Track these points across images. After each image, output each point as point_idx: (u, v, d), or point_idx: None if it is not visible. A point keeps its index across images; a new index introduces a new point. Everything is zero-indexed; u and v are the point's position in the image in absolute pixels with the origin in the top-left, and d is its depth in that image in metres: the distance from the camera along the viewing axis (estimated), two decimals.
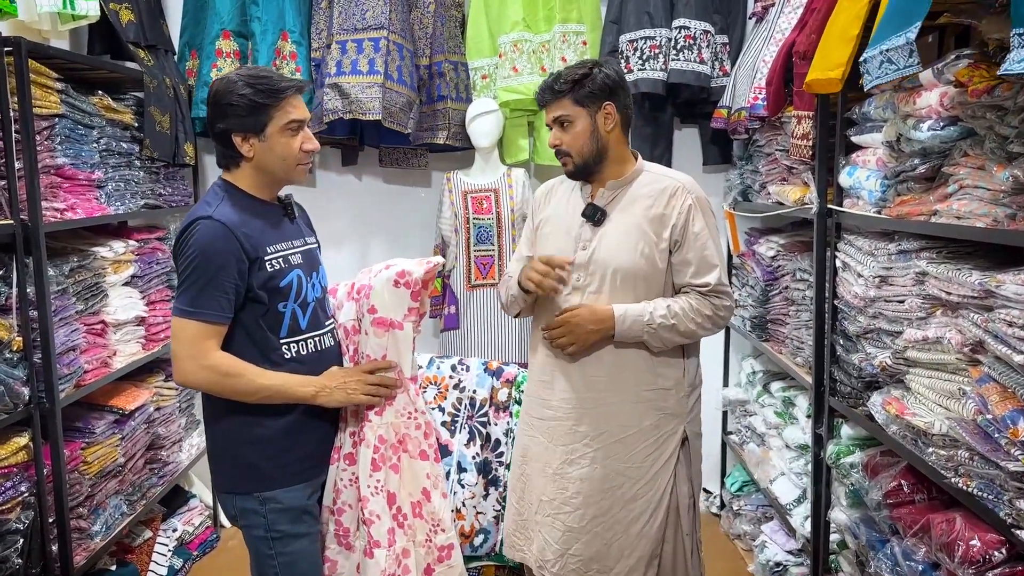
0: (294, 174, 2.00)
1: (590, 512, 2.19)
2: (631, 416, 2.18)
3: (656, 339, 2.13)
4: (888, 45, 1.70)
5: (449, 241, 3.66)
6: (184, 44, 3.66)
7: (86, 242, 2.93)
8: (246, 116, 1.91)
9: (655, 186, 2.18)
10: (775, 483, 3.10)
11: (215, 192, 1.99)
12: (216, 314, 1.88)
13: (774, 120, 2.99)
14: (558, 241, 2.25)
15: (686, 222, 2.14)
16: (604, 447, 2.18)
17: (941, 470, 1.84)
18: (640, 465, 2.18)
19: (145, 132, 3.16)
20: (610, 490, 2.18)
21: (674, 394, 2.20)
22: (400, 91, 3.43)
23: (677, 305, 2.12)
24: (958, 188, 1.89)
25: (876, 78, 1.78)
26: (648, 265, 2.14)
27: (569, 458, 2.21)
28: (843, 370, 2.46)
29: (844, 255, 2.42)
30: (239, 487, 2.01)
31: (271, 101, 1.91)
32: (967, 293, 1.78)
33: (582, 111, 2.15)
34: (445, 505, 2.20)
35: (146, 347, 3.21)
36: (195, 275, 1.87)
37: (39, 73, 2.56)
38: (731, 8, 3.65)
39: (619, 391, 2.18)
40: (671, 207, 2.15)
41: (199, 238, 1.88)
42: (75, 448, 2.72)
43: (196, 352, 1.88)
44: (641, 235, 2.14)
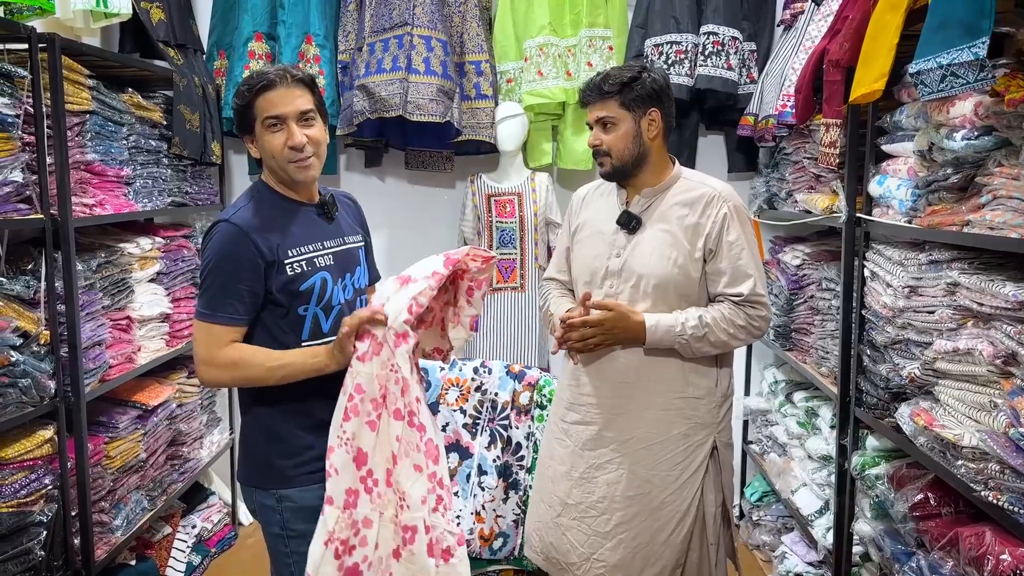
0: (290, 172, 1.94)
1: (615, 518, 2.18)
2: (659, 424, 2.16)
3: (687, 349, 2.12)
4: (949, 59, 1.68)
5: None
6: (212, 44, 3.69)
7: (113, 238, 2.96)
8: (239, 118, 1.95)
9: (691, 194, 2.17)
10: (797, 493, 3.08)
11: (246, 193, 2.00)
12: (230, 316, 1.88)
13: (802, 128, 2.97)
14: (594, 248, 2.24)
15: (721, 231, 2.12)
16: (631, 453, 2.17)
17: (971, 483, 1.82)
18: (667, 473, 2.16)
19: (174, 130, 3.19)
20: (636, 497, 2.17)
21: (705, 403, 2.18)
22: (428, 82, 3.39)
23: (709, 315, 2.10)
24: (992, 198, 1.87)
25: (938, 91, 1.75)
26: (681, 275, 2.13)
27: (595, 463, 2.20)
28: (870, 381, 2.44)
29: (873, 264, 2.40)
30: (258, 482, 2.01)
31: (246, 100, 1.91)
32: (1000, 304, 1.76)
33: (627, 114, 2.13)
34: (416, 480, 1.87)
35: (170, 344, 3.23)
36: (211, 278, 1.88)
37: (71, 70, 2.58)
38: (759, 15, 3.63)
39: (648, 398, 2.17)
40: (706, 216, 2.13)
41: (215, 242, 1.89)
42: (98, 442, 2.74)
43: (210, 353, 1.88)
44: (675, 244, 2.13)
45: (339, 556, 1.81)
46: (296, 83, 1.91)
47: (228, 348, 1.88)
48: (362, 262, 2.12)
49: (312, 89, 1.96)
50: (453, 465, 2.69)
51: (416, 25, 3.39)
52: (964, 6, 1.69)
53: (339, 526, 1.82)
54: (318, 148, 1.96)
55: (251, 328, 1.93)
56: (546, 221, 3.63)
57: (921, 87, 1.85)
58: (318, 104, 1.97)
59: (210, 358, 1.88)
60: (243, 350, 1.89)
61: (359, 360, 1.85)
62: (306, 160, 1.93)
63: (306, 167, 1.94)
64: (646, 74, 2.13)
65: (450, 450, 2.73)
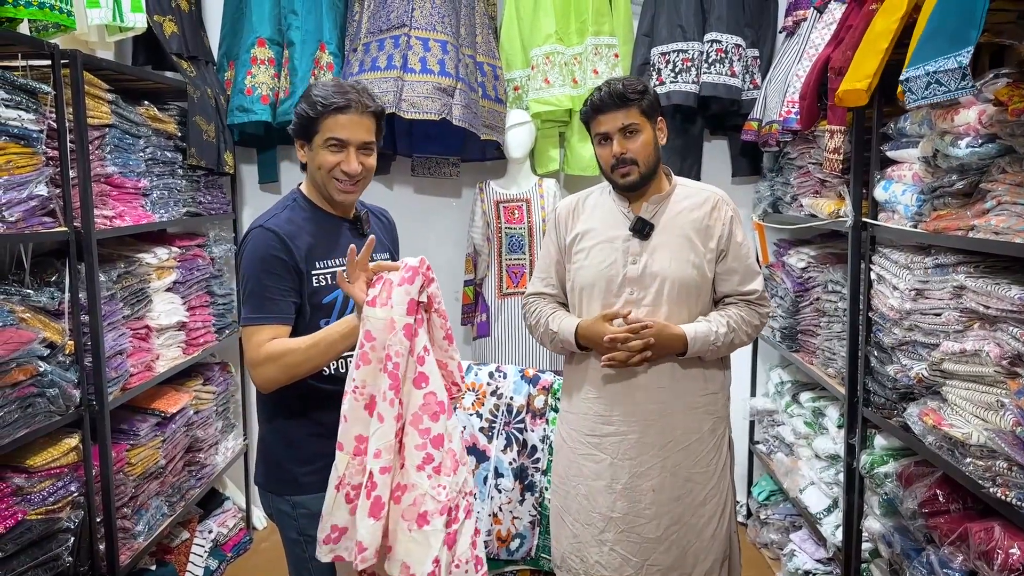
0: (332, 191, 1.98)
1: (665, 521, 2.21)
2: (692, 422, 2.22)
3: (716, 353, 2.20)
4: (936, 67, 1.74)
5: (481, 250, 3.71)
6: (222, 55, 3.74)
7: (131, 249, 3.00)
8: (300, 125, 1.97)
9: (695, 198, 2.24)
10: (805, 492, 3.13)
11: (282, 200, 2.05)
12: (277, 316, 1.91)
13: (807, 134, 3.03)
14: (604, 256, 2.25)
15: (730, 232, 2.21)
16: (672, 455, 2.21)
17: (979, 480, 1.87)
18: (705, 470, 2.23)
19: (190, 141, 3.24)
20: (681, 497, 2.21)
21: (720, 398, 2.28)
22: (424, 80, 3.37)
23: (733, 320, 2.19)
24: (996, 204, 1.93)
25: (922, 98, 1.81)
26: (699, 275, 2.20)
27: (638, 471, 2.21)
28: (877, 381, 2.49)
29: (879, 268, 2.46)
30: (273, 487, 2.04)
31: (316, 115, 1.93)
32: (1006, 307, 1.82)
33: (647, 122, 2.18)
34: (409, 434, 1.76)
35: (186, 351, 3.27)
36: (251, 283, 1.91)
37: (91, 84, 2.63)
38: (762, 22, 3.69)
39: (677, 399, 2.22)
40: (715, 218, 2.21)
41: (252, 247, 1.93)
42: (120, 450, 2.78)
43: (258, 354, 1.89)
44: (691, 246, 2.20)
45: (350, 500, 1.78)
46: (368, 114, 1.96)
47: (268, 344, 1.89)
48: None
49: (379, 121, 2.01)
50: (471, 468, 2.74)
51: (414, 27, 3.41)
52: (956, 16, 1.75)
53: (349, 471, 1.78)
54: (367, 176, 2.01)
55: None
56: None
57: (908, 94, 1.91)
58: (378, 134, 2.02)
59: (258, 359, 1.89)
60: (282, 341, 1.90)
61: (369, 305, 1.78)
62: (352, 185, 1.98)
63: (349, 192, 1.99)
64: (648, 86, 2.21)
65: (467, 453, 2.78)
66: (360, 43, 3.51)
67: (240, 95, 3.58)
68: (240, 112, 3.57)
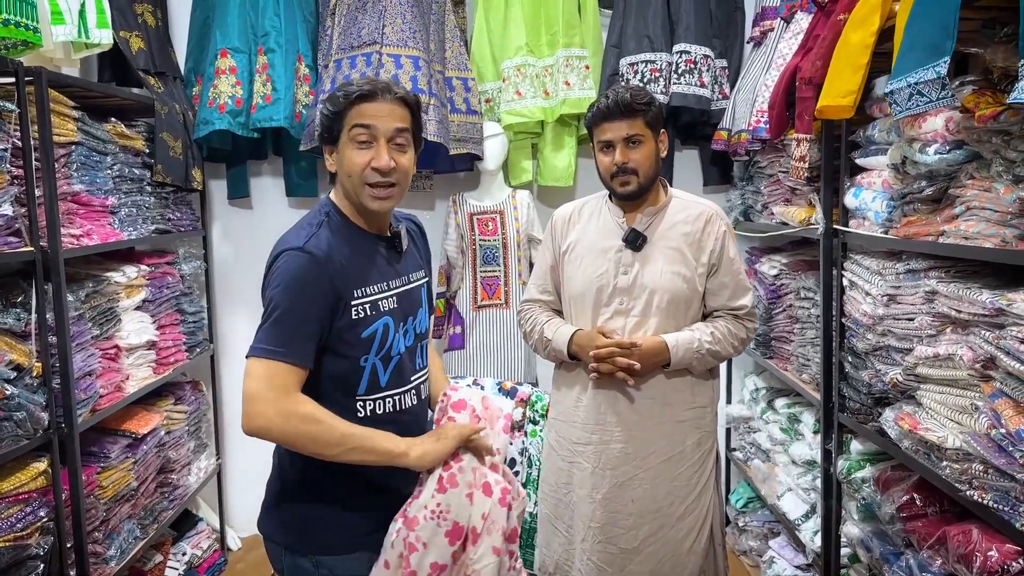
0: (364, 197, 1.72)
1: (643, 532, 2.22)
2: (676, 436, 2.23)
3: (702, 363, 2.20)
4: (917, 79, 1.77)
5: (455, 263, 3.70)
6: (190, 70, 3.70)
7: (99, 267, 2.95)
8: (326, 125, 1.75)
9: (689, 212, 2.25)
10: (782, 499, 3.15)
11: (316, 213, 1.77)
12: (301, 357, 1.63)
13: (776, 142, 3.06)
14: (595, 266, 2.25)
15: (722, 247, 2.22)
16: (653, 467, 2.22)
17: (955, 483, 1.89)
18: (686, 484, 2.24)
19: (157, 158, 3.20)
20: (660, 510, 2.22)
21: (709, 412, 2.28)
22: None
23: (719, 331, 2.20)
24: (965, 209, 1.96)
25: (907, 109, 1.84)
26: (689, 289, 2.21)
27: (619, 481, 2.23)
28: (852, 386, 2.51)
29: (851, 274, 2.48)
30: (294, 544, 1.78)
31: (340, 107, 1.72)
32: (978, 311, 1.84)
33: (650, 134, 2.20)
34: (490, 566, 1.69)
35: (157, 371, 3.22)
36: (282, 311, 1.63)
37: (57, 102, 2.59)
38: (729, 33, 3.73)
39: (663, 412, 2.23)
40: (707, 233, 2.23)
41: (290, 272, 1.65)
42: (91, 472, 2.72)
43: (274, 394, 1.59)
44: (681, 259, 2.21)
45: None
46: (397, 101, 1.74)
47: (300, 397, 1.62)
48: (424, 303, 1.91)
49: (414, 112, 1.78)
50: None
51: (385, 44, 3.40)
52: (931, 28, 1.78)
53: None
54: (403, 179, 1.75)
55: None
56: (528, 238, 3.68)
57: (893, 106, 1.94)
58: (415, 129, 1.79)
59: (270, 399, 1.59)
60: (317, 407, 1.63)
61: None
62: (386, 189, 1.72)
63: (384, 197, 1.73)
64: (653, 97, 2.22)
65: None
66: (331, 59, 3.50)
67: (204, 108, 3.53)
68: (203, 125, 3.52)
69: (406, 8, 3.45)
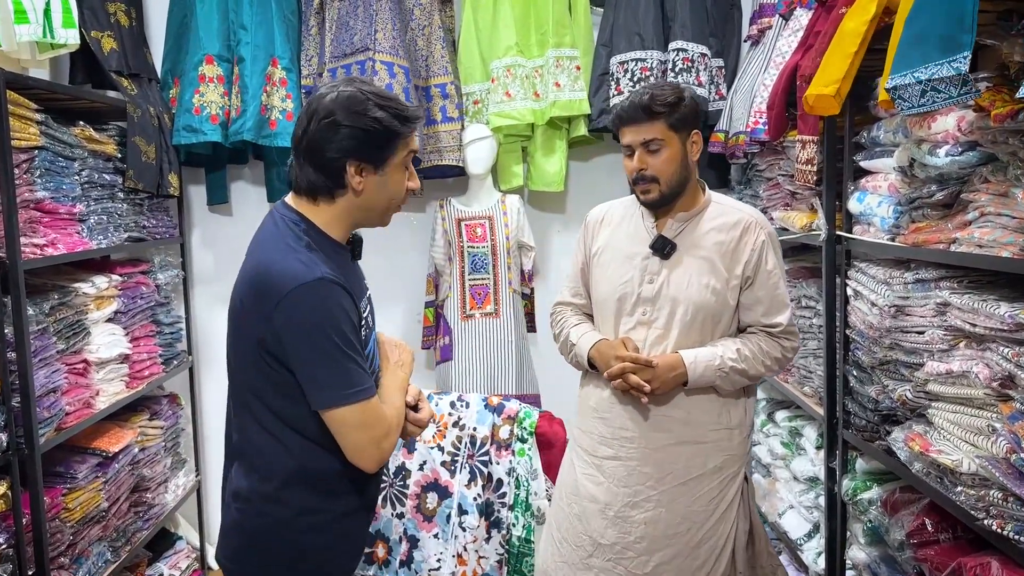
0: (387, 218, 1.73)
1: (655, 559, 2.09)
2: (696, 458, 2.10)
3: (727, 382, 2.06)
4: (929, 74, 1.64)
5: (443, 270, 3.57)
6: (167, 71, 3.58)
7: (67, 278, 2.82)
8: (373, 144, 1.61)
9: (726, 219, 2.10)
10: (784, 517, 3.01)
11: (289, 229, 1.64)
12: (372, 385, 1.63)
13: (775, 144, 2.94)
14: (621, 272, 2.14)
15: (760, 259, 2.06)
16: (669, 490, 2.09)
17: (971, 510, 1.76)
18: (704, 509, 2.10)
19: (129, 163, 3.07)
20: (675, 536, 2.09)
21: (738, 434, 2.13)
22: None
23: (747, 348, 2.06)
24: (979, 215, 1.82)
25: (919, 106, 1.70)
26: (718, 302, 2.07)
27: (632, 500, 2.10)
28: (857, 402, 2.38)
29: (856, 283, 2.35)
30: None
31: (404, 130, 1.64)
32: (995, 325, 1.71)
33: (675, 136, 2.04)
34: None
35: (130, 385, 3.09)
36: (336, 349, 1.56)
37: (17, 104, 2.46)
38: (726, 31, 3.61)
39: (685, 432, 2.10)
40: (744, 243, 2.07)
41: (316, 306, 1.55)
42: (56, 495, 2.59)
43: (379, 433, 1.63)
44: (711, 270, 2.06)
45: None
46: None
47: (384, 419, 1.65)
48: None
49: None
50: (432, 505, 2.59)
51: (378, 51, 3.32)
52: (943, 20, 1.65)
53: None
54: None
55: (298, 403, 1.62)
56: (519, 244, 3.55)
57: (899, 102, 1.81)
58: None
59: (379, 438, 1.63)
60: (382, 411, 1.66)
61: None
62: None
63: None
64: (687, 94, 2.06)
65: (428, 489, 2.63)
66: (325, 68, 3.41)
67: (188, 114, 3.42)
68: (188, 132, 3.41)
69: (396, 15, 3.38)
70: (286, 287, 1.55)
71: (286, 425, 1.65)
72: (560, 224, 3.89)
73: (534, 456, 2.58)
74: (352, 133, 1.59)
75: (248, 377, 1.65)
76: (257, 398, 1.65)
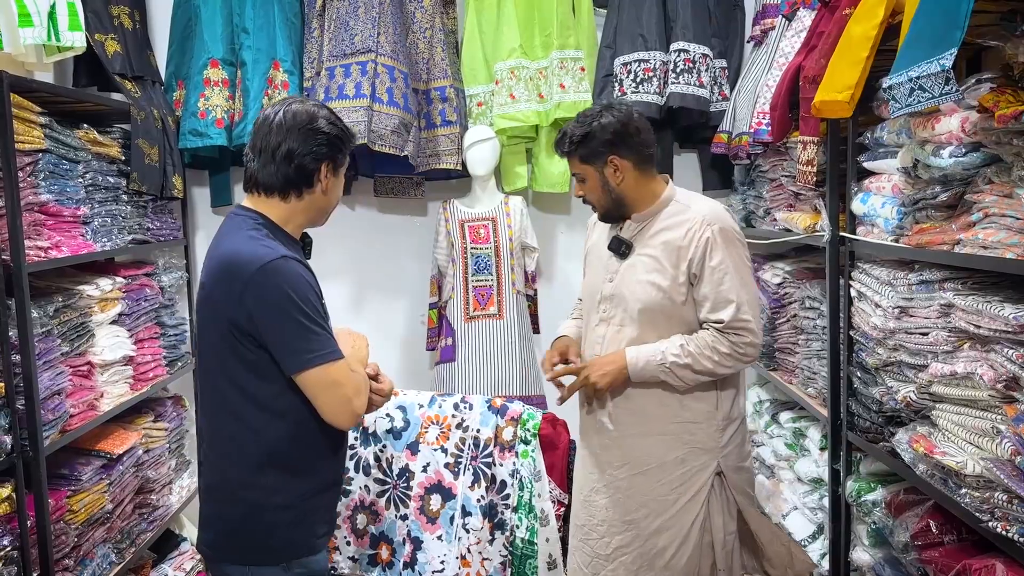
0: (326, 219, 1.97)
1: (614, 541, 2.20)
2: (655, 449, 2.17)
3: (674, 378, 2.10)
4: (918, 72, 1.63)
5: (446, 271, 3.57)
6: (171, 74, 3.59)
7: (71, 280, 2.83)
8: (338, 148, 1.87)
9: (677, 218, 2.17)
10: (788, 518, 3.01)
11: (254, 228, 1.83)
12: (339, 349, 1.80)
13: (778, 145, 2.93)
14: (594, 273, 2.31)
15: (704, 256, 2.09)
16: (627, 478, 2.19)
17: (976, 512, 1.75)
18: (664, 498, 2.16)
19: (132, 165, 3.08)
20: (632, 522, 2.18)
21: (704, 428, 2.17)
22: (391, 113, 3.33)
23: (693, 344, 2.09)
24: (983, 216, 1.82)
25: (906, 106, 1.70)
26: (665, 299, 2.12)
27: (596, 486, 2.25)
28: (861, 403, 2.38)
29: (859, 284, 2.34)
30: (264, 558, 1.83)
31: (351, 143, 1.91)
32: (1000, 327, 1.70)
33: (589, 168, 2.17)
34: None
35: (134, 387, 3.09)
36: (306, 318, 1.74)
37: (21, 107, 2.46)
38: (729, 32, 3.61)
39: (644, 425, 2.18)
40: (688, 239, 2.12)
41: (284, 280, 1.73)
42: (60, 497, 2.60)
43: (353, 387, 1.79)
44: (658, 268, 2.13)
45: None
46: None
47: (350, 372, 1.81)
48: None
49: None
50: (436, 507, 2.59)
51: (380, 53, 3.32)
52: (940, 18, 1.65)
53: None
54: None
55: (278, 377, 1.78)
56: (522, 246, 3.55)
57: (892, 102, 1.81)
58: None
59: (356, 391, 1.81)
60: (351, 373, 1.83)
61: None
62: None
63: None
64: (598, 122, 2.12)
65: (432, 491, 2.63)
66: (323, 67, 3.40)
67: (193, 118, 3.44)
68: (194, 136, 3.43)
69: (397, 18, 3.39)
70: (253, 267, 1.72)
71: (256, 407, 1.78)
72: (564, 225, 3.89)
73: (537, 458, 2.58)
74: (329, 140, 1.84)
75: (220, 361, 1.79)
76: (229, 381, 1.79)
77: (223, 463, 1.85)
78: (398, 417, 2.69)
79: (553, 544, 2.55)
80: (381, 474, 2.67)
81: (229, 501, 1.84)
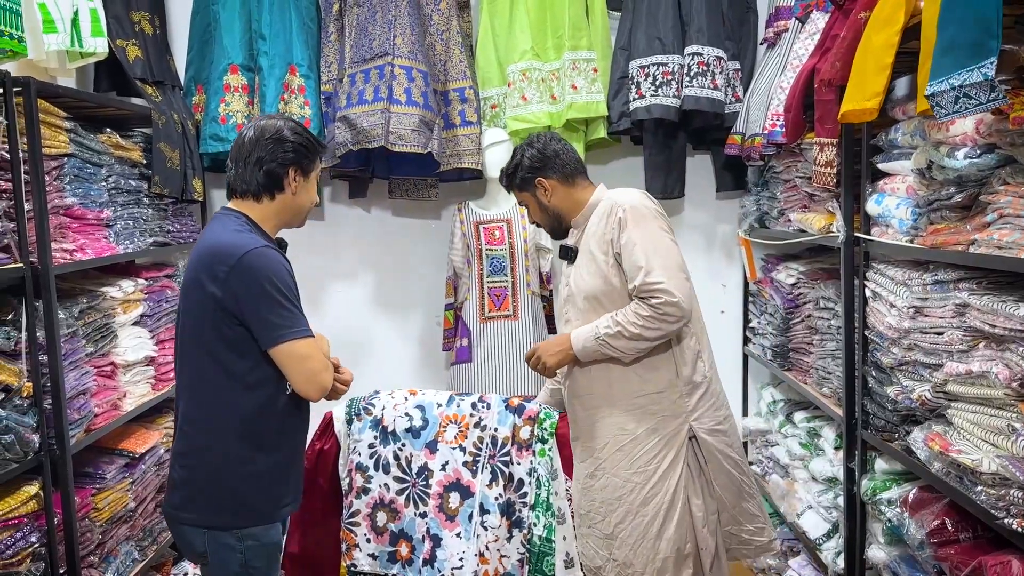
0: (302, 220, 2.20)
1: (612, 519, 2.33)
2: (627, 423, 2.31)
3: (613, 350, 2.24)
4: (961, 80, 1.65)
5: (461, 273, 3.60)
6: (190, 79, 3.63)
7: (95, 282, 2.87)
8: (304, 155, 2.11)
9: (600, 211, 2.36)
10: (802, 517, 3.03)
11: (238, 224, 2.06)
12: (311, 328, 2.04)
13: (792, 147, 2.95)
14: (560, 284, 2.56)
15: (618, 235, 2.27)
16: (609, 457, 2.33)
17: (992, 510, 1.77)
18: (645, 469, 2.29)
19: (154, 168, 3.12)
20: (623, 498, 2.31)
21: (668, 395, 2.30)
22: (410, 112, 3.36)
23: (621, 315, 2.23)
24: (998, 217, 1.84)
25: (953, 112, 1.72)
26: (604, 284, 2.30)
27: (588, 471, 2.38)
28: (876, 402, 2.40)
29: (874, 284, 2.37)
30: (218, 522, 2.04)
31: (320, 151, 2.17)
32: (1015, 327, 1.72)
33: (526, 194, 2.46)
34: None
35: (156, 387, 3.14)
36: (284, 298, 1.97)
37: (48, 112, 2.51)
38: (742, 34, 3.62)
39: (609, 403, 2.33)
40: (608, 225, 2.30)
41: (268, 265, 1.97)
42: (85, 495, 2.64)
43: (319, 365, 2.00)
44: (592, 258, 2.33)
45: None
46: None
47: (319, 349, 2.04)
48: None
49: None
50: (454, 505, 2.63)
51: (397, 55, 3.36)
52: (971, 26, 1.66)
53: None
54: None
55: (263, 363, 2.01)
56: (537, 247, 3.58)
57: (938, 109, 1.81)
58: None
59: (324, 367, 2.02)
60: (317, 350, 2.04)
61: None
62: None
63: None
64: (523, 155, 2.42)
65: (450, 489, 2.66)
66: (345, 74, 3.45)
67: (214, 123, 3.48)
68: (215, 141, 3.48)
69: (415, 20, 3.40)
70: (238, 253, 1.96)
71: (230, 378, 2.00)
72: None
73: (554, 456, 2.61)
74: (291, 147, 2.09)
75: (201, 337, 2.00)
76: (209, 355, 2.00)
77: (193, 430, 2.05)
78: (417, 416, 2.72)
79: (570, 542, 2.58)
80: (400, 472, 2.71)
81: (196, 467, 2.05)
